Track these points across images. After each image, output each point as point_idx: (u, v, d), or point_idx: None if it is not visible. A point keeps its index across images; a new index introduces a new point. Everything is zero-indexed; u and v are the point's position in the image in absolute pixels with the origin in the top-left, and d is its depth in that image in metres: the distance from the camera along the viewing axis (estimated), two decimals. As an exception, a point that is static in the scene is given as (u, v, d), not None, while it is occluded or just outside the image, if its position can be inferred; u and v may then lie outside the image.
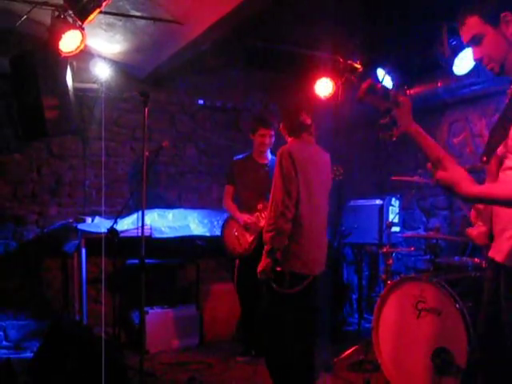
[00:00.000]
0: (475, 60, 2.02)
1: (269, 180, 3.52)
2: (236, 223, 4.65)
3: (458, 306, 3.31)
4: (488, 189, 1.90)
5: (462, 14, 1.97)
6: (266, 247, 3.17)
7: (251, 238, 4.48)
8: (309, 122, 3.31)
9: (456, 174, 1.84)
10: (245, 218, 4.54)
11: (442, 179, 1.85)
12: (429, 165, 1.92)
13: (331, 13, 4.25)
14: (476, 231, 2.23)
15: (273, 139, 4.64)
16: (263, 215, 4.32)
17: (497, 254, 2.03)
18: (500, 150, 1.97)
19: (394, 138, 2.02)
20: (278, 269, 3.16)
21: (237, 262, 4.70)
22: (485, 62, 1.98)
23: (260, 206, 4.45)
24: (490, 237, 2.11)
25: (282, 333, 3.20)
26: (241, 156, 4.88)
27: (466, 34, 1.98)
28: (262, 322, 3.49)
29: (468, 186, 1.82)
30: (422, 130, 2.02)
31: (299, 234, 3.19)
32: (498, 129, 1.95)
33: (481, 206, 2.18)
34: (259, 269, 3.18)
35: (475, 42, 1.96)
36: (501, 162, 2.02)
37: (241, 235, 4.58)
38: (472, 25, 1.94)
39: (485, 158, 1.94)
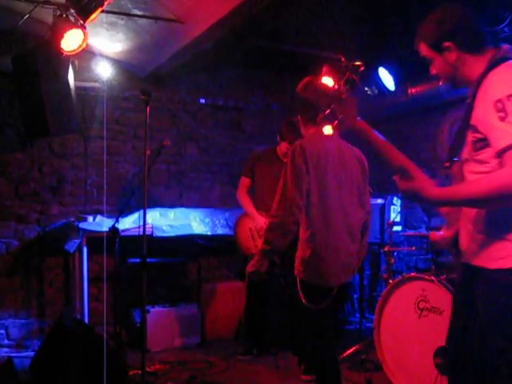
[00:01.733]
0: (432, 75, 2.12)
1: None
2: (251, 222, 4.58)
3: (459, 305, 3.31)
4: (452, 189, 1.90)
5: (416, 37, 2.11)
6: (264, 246, 2.93)
7: None
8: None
9: (418, 180, 1.85)
10: (262, 223, 4.37)
11: (406, 189, 1.86)
12: (396, 177, 1.89)
13: (333, 11, 4.25)
14: (439, 236, 2.22)
15: None
16: None
17: (472, 257, 1.99)
18: (463, 155, 2.00)
19: (336, 132, 2.02)
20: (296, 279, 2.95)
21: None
22: (440, 78, 2.10)
23: None
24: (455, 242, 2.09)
25: (318, 345, 3.06)
26: (263, 149, 4.71)
27: (421, 53, 2.11)
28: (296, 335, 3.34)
29: (432, 189, 1.84)
30: (375, 132, 2.01)
31: (309, 239, 2.93)
32: (459, 135, 2.00)
33: (445, 209, 2.16)
34: (251, 269, 2.93)
35: (428, 61, 2.09)
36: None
37: (257, 237, 4.50)
38: (422, 49, 2.09)
39: (447, 164, 2.00)
